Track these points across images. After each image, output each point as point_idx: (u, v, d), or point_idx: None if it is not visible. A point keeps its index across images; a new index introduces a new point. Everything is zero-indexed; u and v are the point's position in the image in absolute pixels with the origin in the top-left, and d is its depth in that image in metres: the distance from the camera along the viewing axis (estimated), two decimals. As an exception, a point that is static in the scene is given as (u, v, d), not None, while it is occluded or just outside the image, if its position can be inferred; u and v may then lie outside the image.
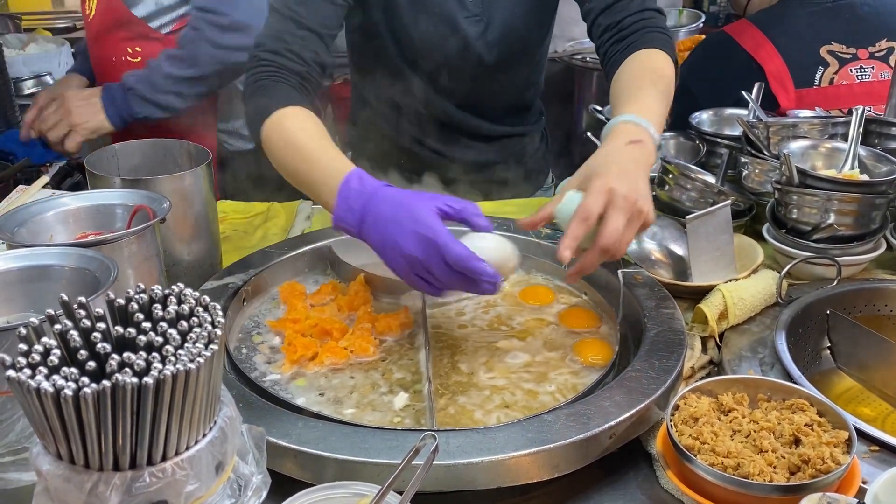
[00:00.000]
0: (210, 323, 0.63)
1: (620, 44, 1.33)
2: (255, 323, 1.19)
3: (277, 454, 0.84)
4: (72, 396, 0.55)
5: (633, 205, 1.01)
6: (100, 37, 1.83)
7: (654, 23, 1.34)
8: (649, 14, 1.35)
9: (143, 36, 1.78)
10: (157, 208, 1.12)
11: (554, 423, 0.87)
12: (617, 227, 1.00)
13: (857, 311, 1.20)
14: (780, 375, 1.03)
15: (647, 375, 0.95)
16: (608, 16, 1.36)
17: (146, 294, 0.64)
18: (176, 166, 1.34)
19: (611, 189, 1.01)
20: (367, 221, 1.03)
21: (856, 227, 1.26)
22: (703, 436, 0.85)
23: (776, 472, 0.80)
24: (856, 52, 1.73)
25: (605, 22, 1.36)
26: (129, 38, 1.78)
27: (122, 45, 1.80)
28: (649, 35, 1.32)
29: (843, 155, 1.34)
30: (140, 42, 1.78)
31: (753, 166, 1.44)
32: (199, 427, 0.62)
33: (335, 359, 1.08)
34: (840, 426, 0.85)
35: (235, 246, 1.47)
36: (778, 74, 1.71)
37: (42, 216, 1.11)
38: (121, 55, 1.81)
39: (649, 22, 1.34)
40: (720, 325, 1.14)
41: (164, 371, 0.57)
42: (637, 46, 1.30)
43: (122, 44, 1.79)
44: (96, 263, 0.93)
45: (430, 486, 0.80)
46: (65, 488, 0.58)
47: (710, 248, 1.23)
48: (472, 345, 1.12)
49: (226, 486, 0.65)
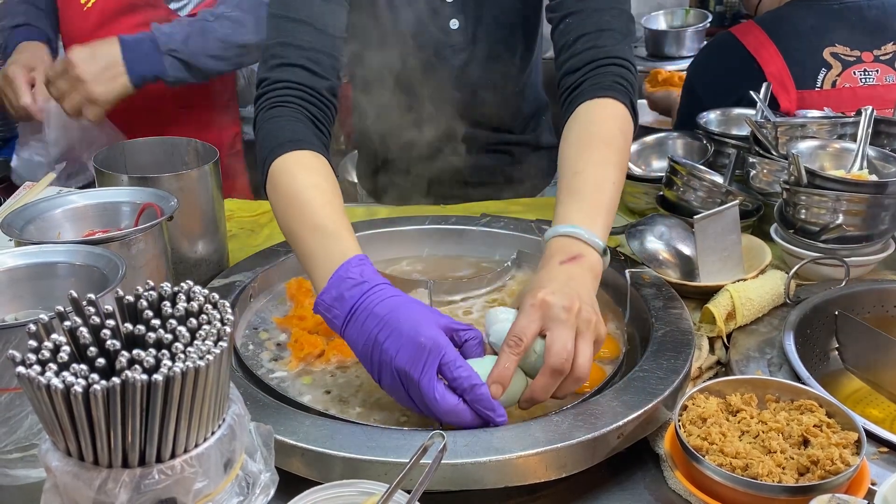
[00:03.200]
0: (219, 320, 0.63)
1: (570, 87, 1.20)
2: (261, 319, 1.19)
3: (285, 452, 0.84)
4: (82, 393, 0.55)
5: (576, 315, 0.87)
6: (104, 24, 1.71)
7: (609, 54, 1.18)
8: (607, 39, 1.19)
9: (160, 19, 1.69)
10: (165, 206, 1.12)
11: (562, 422, 0.87)
12: (563, 341, 0.85)
13: (866, 312, 1.20)
14: (788, 376, 1.02)
15: (655, 376, 0.95)
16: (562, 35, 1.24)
17: (155, 291, 0.64)
18: (183, 164, 1.34)
19: (544, 301, 0.87)
20: (357, 318, 0.88)
21: (864, 228, 1.25)
22: (711, 436, 0.84)
23: (785, 473, 0.80)
24: (860, 54, 1.72)
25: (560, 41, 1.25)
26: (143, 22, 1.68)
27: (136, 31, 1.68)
28: (602, 77, 1.17)
29: (851, 155, 1.34)
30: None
31: (761, 166, 1.43)
32: (208, 424, 0.62)
33: (342, 356, 1.08)
34: (849, 427, 0.85)
35: (242, 244, 1.47)
36: (779, 76, 1.70)
37: (50, 214, 1.12)
38: None
39: (603, 53, 1.19)
40: (728, 326, 1.14)
41: (173, 368, 0.57)
42: (587, 94, 1.16)
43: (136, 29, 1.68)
44: (104, 261, 0.93)
45: (437, 485, 0.80)
46: (74, 485, 0.58)
47: (717, 248, 1.23)
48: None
49: (234, 484, 0.65)
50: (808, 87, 1.70)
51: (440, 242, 1.39)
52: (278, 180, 1.06)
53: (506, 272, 1.29)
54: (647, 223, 1.32)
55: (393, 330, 0.85)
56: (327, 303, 0.91)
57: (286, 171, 1.06)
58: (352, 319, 0.89)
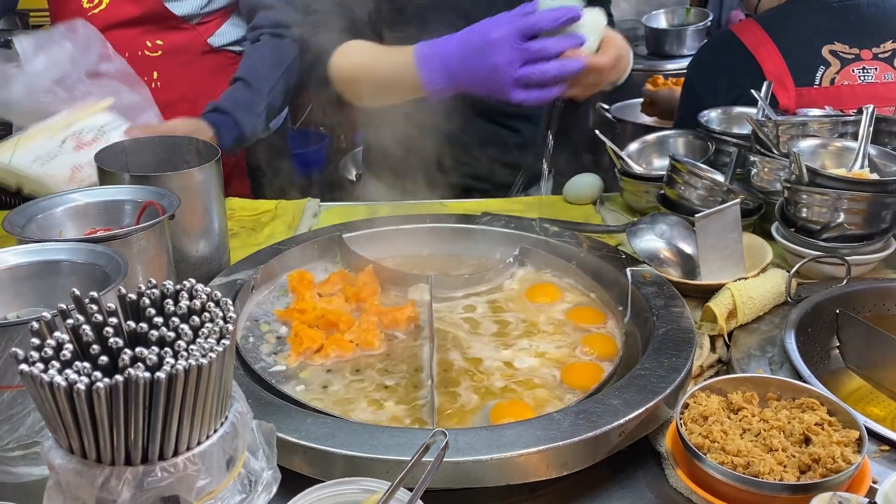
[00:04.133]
0: (222, 318, 0.63)
1: None
2: (263, 311, 1.20)
3: (286, 450, 0.84)
4: (84, 391, 0.55)
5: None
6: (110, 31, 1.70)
7: None
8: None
9: (169, 27, 1.71)
10: (166, 204, 1.12)
11: (563, 420, 0.87)
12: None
13: (867, 311, 1.20)
14: (789, 374, 1.02)
15: (657, 374, 0.95)
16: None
17: (158, 289, 0.64)
18: (185, 163, 1.34)
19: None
20: (454, 71, 1.17)
21: (865, 227, 1.25)
22: (712, 434, 0.84)
23: (786, 471, 0.80)
24: (859, 52, 1.72)
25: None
26: (151, 30, 1.70)
27: (142, 39, 1.71)
28: None
29: (853, 154, 1.34)
30: (163, 34, 1.72)
31: (762, 165, 1.43)
32: (211, 422, 0.62)
33: (341, 352, 1.08)
34: (850, 426, 0.85)
35: (243, 243, 1.47)
36: (777, 73, 1.70)
37: (51, 212, 1.12)
38: (138, 49, 1.72)
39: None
40: (729, 324, 1.14)
41: (176, 366, 0.57)
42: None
43: (141, 37, 1.71)
44: (106, 259, 0.93)
45: (438, 483, 0.79)
46: (77, 482, 0.58)
47: (719, 247, 1.23)
48: (477, 341, 1.12)
49: (236, 482, 0.65)
50: (806, 85, 1.70)
51: (441, 241, 1.39)
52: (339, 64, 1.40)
53: (507, 269, 1.29)
54: (648, 222, 1.32)
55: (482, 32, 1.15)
56: (428, 80, 1.22)
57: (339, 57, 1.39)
58: (450, 70, 1.22)
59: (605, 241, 1.33)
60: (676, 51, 3.20)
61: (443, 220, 1.41)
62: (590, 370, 1.05)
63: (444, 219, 1.42)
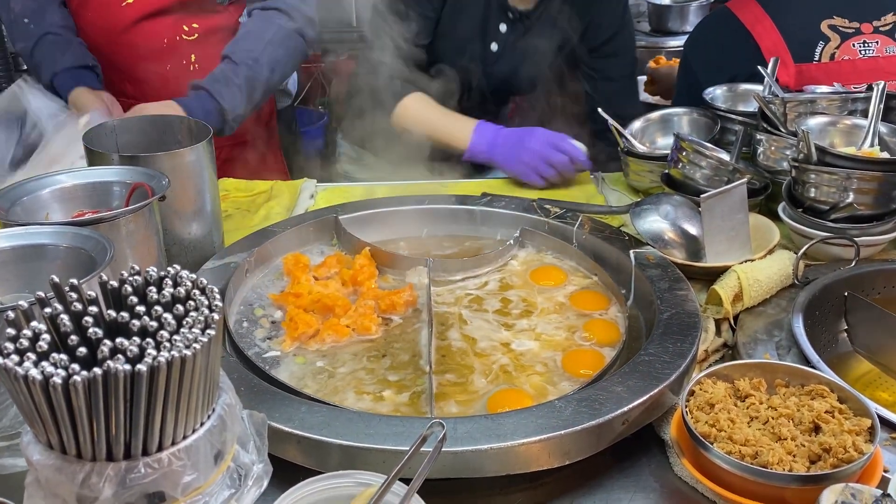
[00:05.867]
0: (207, 307, 0.60)
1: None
2: (257, 295, 1.17)
3: (280, 439, 0.82)
4: (61, 384, 0.52)
5: None
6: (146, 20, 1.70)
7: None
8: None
9: (204, 11, 1.71)
10: (156, 186, 1.09)
11: (564, 408, 0.84)
12: None
13: (876, 293, 1.17)
14: (796, 359, 1.00)
15: (661, 359, 0.92)
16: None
17: (140, 276, 0.61)
18: (176, 143, 1.30)
19: None
20: (497, 144, 1.58)
21: (875, 207, 1.22)
22: (719, 423, 0.82)
23: (796, 461, 0.77)
24: (859, 26, 1.67)
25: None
26: (187, 15, 1.70)
27: (179, 24, 1.71)
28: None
29: (862, 132, 1.30)
30: (198, 18, 1.71)
31: (769, 143, 1.40)
32: (197, 415, 0.59)
33: (337, 336, 1.06)
34: (862, 413, 0.82)
35: (238, 225, 1.44)
36: (775, 50, 1.65)
37: (37, 194, 1.09)
38: (176, 34, 1.71)
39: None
40: (735, 307, 1.11)
41: (158, 358, 0.54)
42: None
43: (178, 23, 1.70)
44: (92, 243, 0.90)
45: (436, 473, 0.77)
46: (56, 479, 0.55)
47: (725, 228, 1.20)
48: (477, 325, 1.09)
49: (225, 476, 0.62)
50: (805, 61, 1.65)
51: (440, 223, 1.36)
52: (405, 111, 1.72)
53: (508, 251, 1.26)
54: (652, 202, 1.28)
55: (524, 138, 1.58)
56: (473, 147, 1.63)
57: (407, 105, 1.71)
58: (494, 147, 1.61)
59: (608, 223, 1.30)
60: (679, 27, 3.15)
61: (442, 200, 1.38)
62: (590, 357, 1.02)
63: (442, 200, 1.39)
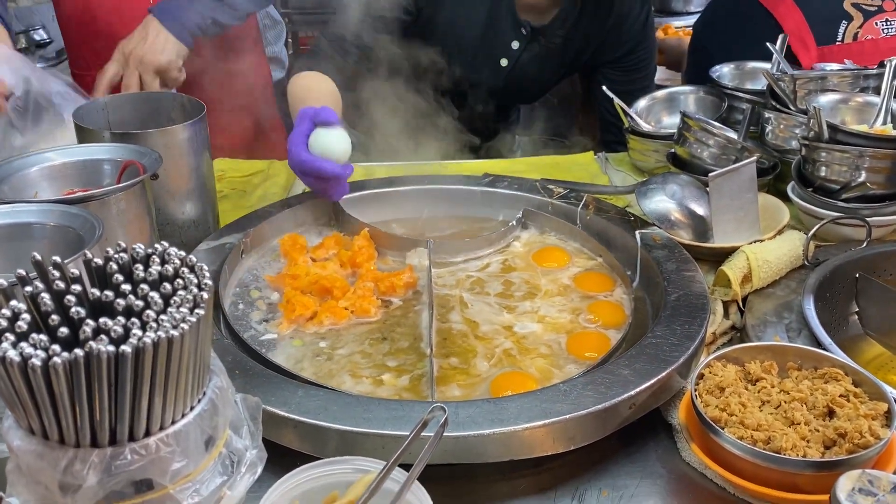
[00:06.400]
0: (196, 285, 0.57)
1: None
2: (253, 276, 1.14)
3: (276, 424, 0.79)
4: (41, 366, 0.49)
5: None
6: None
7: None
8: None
9: None
10: (148, 163, 1.05)
11: (569, 392, 0.82)
12: None
13: (888, 275, 1.14)
14: (807, 342, 0.97)
15: (669, 342, 0.90)
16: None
17: (127, 253, 0.58)
18: (169, 120, 1.27)
19: None
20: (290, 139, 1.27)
21: (888, 186, 1.18)
22: (730, 407, 0.79)
23: (810, 447, 0.75)
24: (881, 3, 1.63)
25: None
26: None
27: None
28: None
29: (874, 109, 1.27)
30: None
31: (778, 122, 1.36)
32: (186, 399, 0.57)
33: (335, 319, 1.03)
34: (878, 397, 0.79)
35: (234, 205, 1.41)
36: (798, 31, 1.61)
37: (26, 172, 1.05)
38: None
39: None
40: (743, 289, 1.08)
41: (143, 338, 0.51)
42: None
43: None
44: (80, 221, 0.87)
45: (437, 459, 0.75)
46: (37, 466, 0.53)
47: (733, 208, 1.17)
48: (479, 307, 1.06)
49: (217, 463, 0.59)
50: (829, 42, 1.61)
51: (441, 203, 1.32)
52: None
53: (510, 232, 1.22)
54: (659, 182, 1.25)
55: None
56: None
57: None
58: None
59: (613, 203, 1.27)
60: (683, 7, 3.10)
61: (442, 181, 1.35)
62: (595, 340, 1.00)
63: (443, 180, 1.35)
